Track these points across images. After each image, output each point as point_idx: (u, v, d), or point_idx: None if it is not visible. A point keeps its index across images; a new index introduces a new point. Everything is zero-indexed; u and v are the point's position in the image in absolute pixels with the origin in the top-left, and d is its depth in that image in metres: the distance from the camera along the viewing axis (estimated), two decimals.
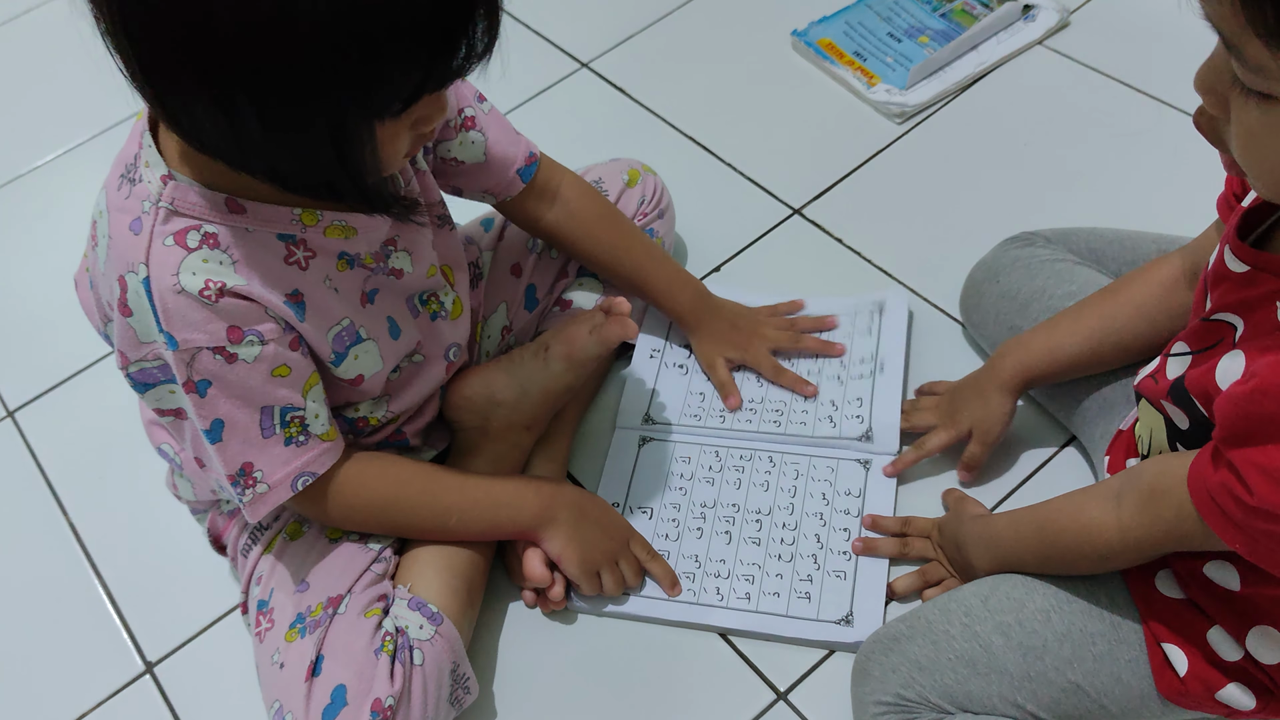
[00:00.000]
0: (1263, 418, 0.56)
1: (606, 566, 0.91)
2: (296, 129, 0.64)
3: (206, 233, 0.72)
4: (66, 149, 1.45)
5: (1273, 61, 0.49)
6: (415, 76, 0.64)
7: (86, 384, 1.19)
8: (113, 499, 1.09)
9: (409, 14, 0.61)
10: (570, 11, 1.50)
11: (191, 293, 0.72)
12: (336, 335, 0.80)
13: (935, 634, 0.77)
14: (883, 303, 1.08)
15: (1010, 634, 0.76)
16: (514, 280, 1.05)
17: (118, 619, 1.01)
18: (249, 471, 0.78)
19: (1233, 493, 0.59)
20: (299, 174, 0.69)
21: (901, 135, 1.27)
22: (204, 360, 0.74)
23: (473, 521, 0.89)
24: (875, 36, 1.35)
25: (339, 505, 0.84)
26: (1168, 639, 0.74)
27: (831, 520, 0.95)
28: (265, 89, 0.61)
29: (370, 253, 0.81)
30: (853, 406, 1.01)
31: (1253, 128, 0.53)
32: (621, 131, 1.34)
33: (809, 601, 0.90)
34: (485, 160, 0.92)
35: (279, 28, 0.59)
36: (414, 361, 0.89)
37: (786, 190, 1.24)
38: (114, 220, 0.74)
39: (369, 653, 0.80)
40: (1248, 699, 0.72)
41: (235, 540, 0.93)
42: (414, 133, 0.71)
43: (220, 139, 0.66)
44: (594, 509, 0.92)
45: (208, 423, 0.76)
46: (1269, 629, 0.70)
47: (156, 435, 0.93)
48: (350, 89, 0.63)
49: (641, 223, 1.09)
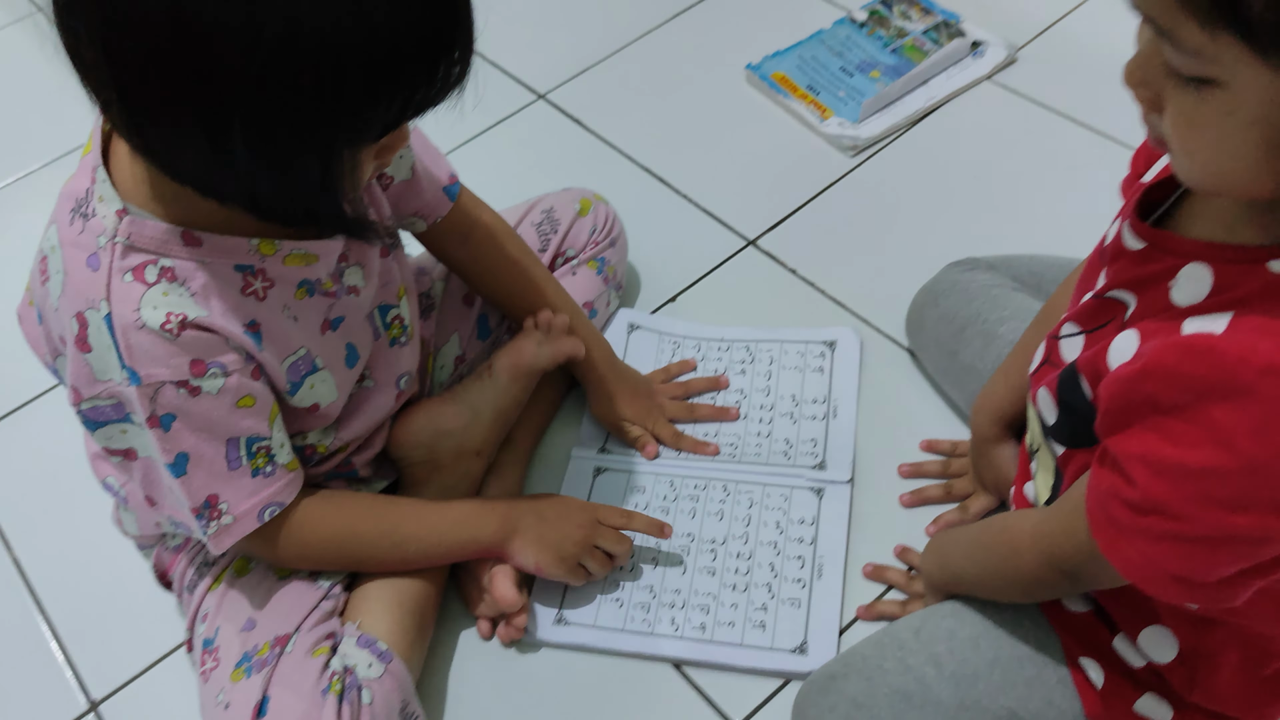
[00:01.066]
0: (1141, 401, 0.55)
1: (586, 553, 0.90)
2: (286, 157, 0.65)
3: (164, 266, 0.72)
4: (15, 178, 1.43)
5: (1210, 43, 0.47)
6: (399, 105, 0.65)
7: (33, 416, 1.16)
8: (58, 532, 1.06)
9: (403, 42, 0.62)
10: (528, 43, 1.51)
11: (154, 328, 0.71)
12: (292, 365, 0.80)
13: (870, 670, 0.77)
14: (834, 341, 1.09)
15: (943, 664, 0.76)
16: (466, 310, 1.05)
17: (61, 656, 0.99)
18: (214, 504, 0.77)
19: (1120, 495, 0.57)
20: (277, 200, 0.69)
21: (854, 168, 1.29)
22: (167, 395, 0.73)
23: (432, 547, 0.88)
24: (828, 71, 1.37)
25: (294, 543, 0.83)
26: (1082, 652, 0.74)
27: (785, 549, 0.95)
28: (263, 120, 0.62)
29: (329, 275, 0.81)
30: (806, 445, 1.02)
31: (1191, 116, 0.51)
32: (578, 162, 1.35)
33: (764, 630, 0.90)
34: (413, 177, 0.92)
35: (283, 59, 0.59)
36: (364, 387, 0.89)
37: (741, 221, 1.25)
38: (69, 256, 0.73)
39: (316, 693, 0.79)
40: (1164, 709, 0.72)
41: (181, 575, 0.92)
42: (376, 160, 0.72)
43: (200, 167, 0.66)
44: (550, 508, 0.92)
45: (171, 456, 0.75)
46: (1157, 627, 0.70)
47: (101, 469, 0.91)
48: (344, 118, 0.63)
49: (593, 251, 1.10)
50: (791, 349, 1.09)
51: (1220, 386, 0.51)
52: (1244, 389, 0.50)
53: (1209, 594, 0.58)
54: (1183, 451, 0.53)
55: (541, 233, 1.09)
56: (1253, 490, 0.52)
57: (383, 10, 0.60)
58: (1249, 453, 0.51)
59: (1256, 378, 0.50)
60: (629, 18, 1.52)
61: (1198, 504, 0.54)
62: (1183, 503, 0.54)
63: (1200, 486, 0.53)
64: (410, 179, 0.92)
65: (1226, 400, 0.51)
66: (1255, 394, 0.50)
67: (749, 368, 1.09)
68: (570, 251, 1.10)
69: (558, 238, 1.09)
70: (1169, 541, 0.56)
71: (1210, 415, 0.52)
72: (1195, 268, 0.57)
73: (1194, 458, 0.53)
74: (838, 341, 1.09)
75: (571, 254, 1.10)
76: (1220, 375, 0.51)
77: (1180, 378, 0.53)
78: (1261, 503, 0.52)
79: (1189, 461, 0.53)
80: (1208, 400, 0.52)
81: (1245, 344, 0.52)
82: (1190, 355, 0.53)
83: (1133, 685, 0.72)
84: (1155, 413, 0.54)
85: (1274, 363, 0.50)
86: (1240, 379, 0.51)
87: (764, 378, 1.08)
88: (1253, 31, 0.45)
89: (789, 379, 1.07)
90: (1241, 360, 0.51)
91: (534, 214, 1.10)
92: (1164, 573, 0.57)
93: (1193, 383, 0.52)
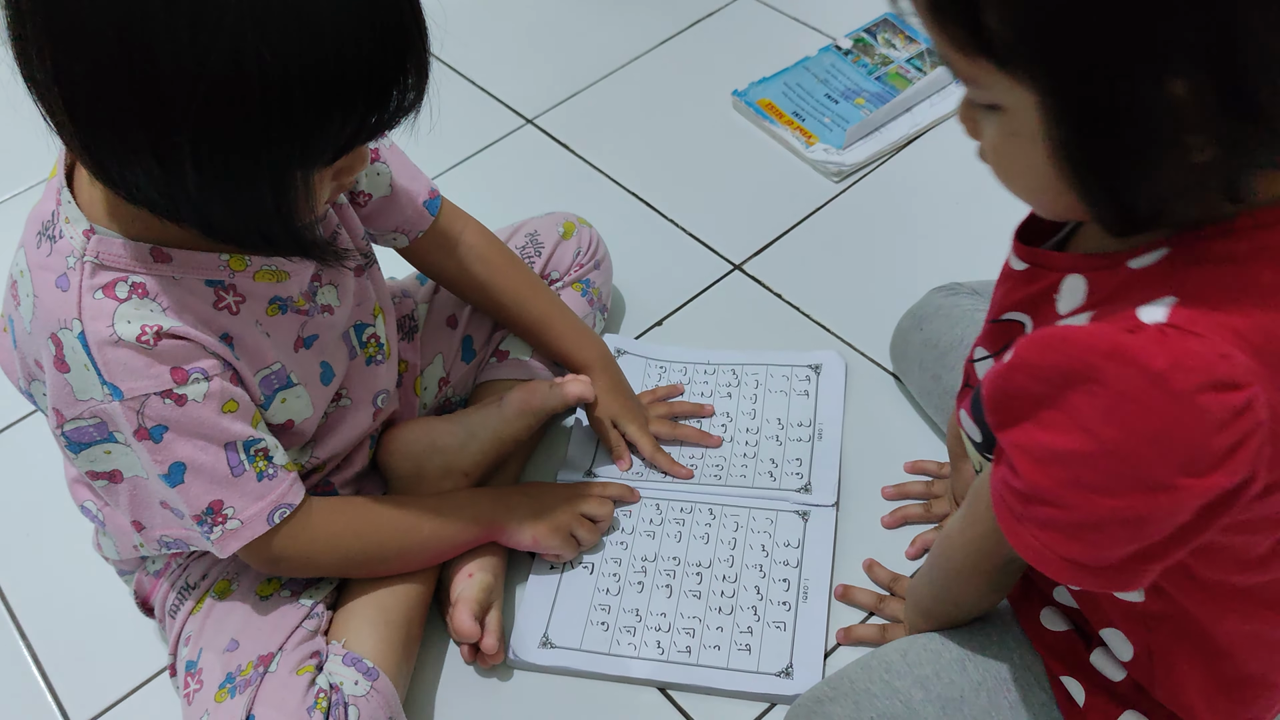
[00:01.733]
0: (1017, 394, 0.56)
1: (576, 522, 0.95)
2: (236, 180, 0.65)
3: (135, 283, 0.72)
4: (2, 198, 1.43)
5: (976, 69, 0.49)
6: (351, 127, 0.66)
7: (11, 441, 1.16)
8: (38, 557, 1.06)
9: (352, 68, 0.62)
10: (516, 68, 1.52)
11: (129, 340, 0.71)
12: (265, 378, 0.80)
13: (857, 693, 0.77)
14: (819, 365, 1.10)
15: (929, 687, 0.76)
16: (450, 331, 1.06)
17: (42, 681, 0.98)
18: (218, 510, 0.77)
19: (1009, 484, 0.59)
20: (231, 223, 0.69)
21: (839, 193, 1.30)
22: (154, 406, 0.73)
23: (438, 531, 0.90)
24: (813, 98, 1.38)
25: (301, 543, 0.82)
26: (1062, 671, 0.75)
27: (771, 572, 0.95)
28: (210, 143, 0.62)
29: (301, 293, 0.81)
30: (792, 465, 1.02)
31: (995, 141, 0.54)
32: (565, 187, 1.35)
33: (749, 653, 0.90)
34: (392, 193, 0.93)
35: (229, 84, 0.60)
36: (340, 406, 0.89)
37: (727, 246, 1.26)
38: (38, 278, 0.73)
39: (301, 711, 0.79)
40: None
41: (163, 601, 0.91)
42: (335, 182, 0.72)
43: (153, 190, 0.66)
44: (533, 487, 0.99)
45: (165, 467, 0.75)
46: (1110, 629, 0.70)
47: (79, 494, 0.91)
48: (293, 142, 0.63)
49: (577, 274, 1.11)
50: (777, 372, 1.10)
51: (1074, 374, 0.52)
52: (1093, 374, 0.51)
53: (1107, 578, 0.58)
54: (1053, 437, 0.54)
55: (525, 256, 1.09)
56: (1115, 473, 0.53)
57: (330, 37, 0.61)
58: (1104, 436, 0.52)
59: (1102, 361, 0.51)
60: (617, 44, 1.53)
61: (1071, 489, 0.55)
62: (1058, 489, 0.55)
63: (1071, 472, 0.54)
64: (389, 195, 0.93)
65: (1081, 386, 0.52)
66: (1102, 378, 0.51)
67: (735, 391, 1.09)
68: (554, 274, 1.10)
69: (541, 261, 1.10)
70: (1054, 528, 0.57)
71: (1071, 401, 0.53)
72: (1072, 279, 0.59)
73: (1062, 443, 0.54)
74: (823, 365, 1.10)
75: (556, 277, 1.10)
76: (1072, 363, 0.52)
77: (1040, 369, 0.54)
78: (1125, 484, 0.53)
79: (1058, 447, 0.54)
80: (1067, 387, 0.53)
81: (1092, 330, 0.53)
82: (1047, 346, 0.54)
83: (1114, 701, 0.72)
84: (1031, 403, 0.55)
85: (1117, 346, 0.51)
86: (1088, 364, 0.52)
87: (749, 401, 1.08)
88: (994, 51, 0.47)
89: (774, 402, 1.07)
90: (1088, 346, 0.52)
91: (517, 237, 1.11)
92: (1057, 557, 0.58)
93: (1051, 372, 0.53)
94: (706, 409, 1.07)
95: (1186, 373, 0.50)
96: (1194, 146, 0.47)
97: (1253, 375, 0.50)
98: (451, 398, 1.07)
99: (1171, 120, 0.46)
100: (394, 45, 0.64)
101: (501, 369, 1.05)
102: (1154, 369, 0.50)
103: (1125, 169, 0.49)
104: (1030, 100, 0.49)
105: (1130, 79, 0.45)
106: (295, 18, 0.60)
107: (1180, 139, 0.47)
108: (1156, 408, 0.50)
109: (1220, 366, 0.50)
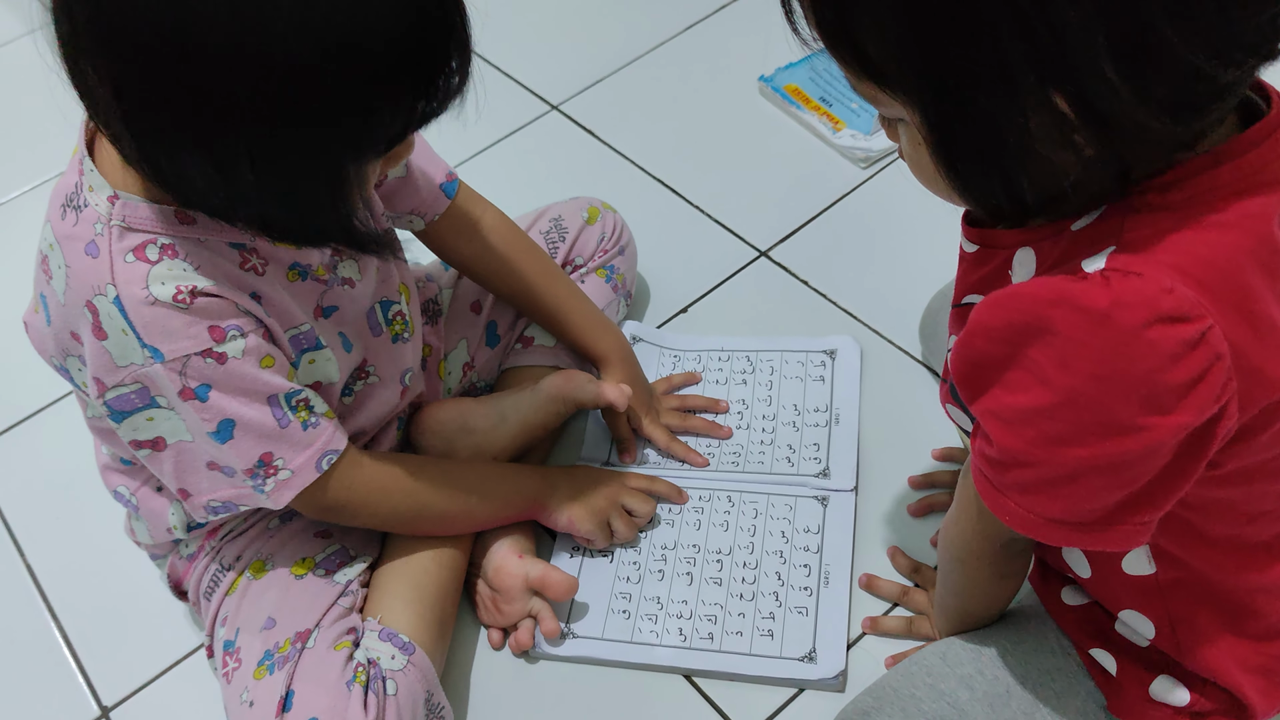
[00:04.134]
0: (979, 360, 0.57)
1: (615, 512, 0.95)
2: (293, 178, 0.66)
3: (163, 244, 0.73)
4: (32, 186, 1.45)
5: (871, 90, 0.55)
6: (401, 120, 0.67)
7: (46, 423, 1.18)
8: (70, 540, 1.07)
9: (399, 58, 0.63)
10: (541, 55, 1.52)
11: (166, 301, 0.72)
12: (294, 338, 0.81)
13: (903, 699, 0.77)
14: (835, 350, 1.09)
15: (974, 685, 0.76)
16: (474, 317, 1.06)
17: (74, 662, 0.99)
18: (269, 461, 0.79)
19: (985, 454, 0.59)
20: (289, 220, 0.71)
21: (866, 179, 1.29)
22: (196, 365, 0.74)
23: (490, 497, 0.91)
24: (840, 83, 1.37)
25: (357, 490, 0.84)
26: (1091, 644, 0.74)
27: (791, 558, 0.95)
28: (267, 142, 0.63)
29: (322, 263, 0.82)
30: (810, 450, 1.02)
31: (904, 148, 0.60)
32: (590, 173, 1.35)
33: (772, 639, 0.90)
34: (408, 175, 0.93)
35: (282, 82, 0.61)
36: (368, 384, 0.90)
37: (753, 233, 1.25)
38: (67, 249, 0.74)
39: (341, 684, 0.80)
40: (1180, 692, 0.70)
41: (197, 584, 0.92)
42: (384, 168, 0.74)
43: (211, 194, 0.67)
44: (579, 470, 0.98)
45: (214, 425, 0.76)
46: (1129, 610, 0.70)
47: (111, 479, 0.92)
48: (347, 135, 0.65)
49: (601, 260, 1.10)
50: (792, 358, 1.09)
51: (1026, 327, 0.53)
52: (1043, 324, 0.53)
53: (1098, 534, 0.58)
54: (1017, 397, 0.55)
55: (549, 241, 1.09)
56: (1078, 421, 0.53)
57: (378, 31, 0.62)
58: (1062, 384, 0.53)
59: (1049, 310, 0.52)
60: (642, 29, 1.52)
61: (1041, 445, 0.55)
62: (1028, 448, 0.56)
63: (1038, 428, 0.55)
64: (406, 176, 0.93)
65: (1035, 338, 0.53)
66: (1051, 327, 0.52)
67: (750, 378, 1.09)
68: (578, 260, 1.10)
69: (565, 246, 1.10)
70: (1033, 490, 0.58)
71: (1029, 356, 0.54)
72: (1022, 252, 0.60)
73: (1026, 400, 0.54)
74: (838, 350, 1.09)
75: (580, 262, 1.10)
76: (1023, 316, 0.54)
77: (995, 329, 0.55)
78: (1090, 431, 0.53)
79: (1023, 404, 0.55)
80: (1023, 343, 0.54)
81: (1037, 283, 0.55)
82: (997, 305, 0.55)
83: (1145, 668, 0.71)
84: (994, 368, 0.56)
85: (1061, 293, 0.52)
86: (1038, 315, 0.53)
87: (765, 388, 1.07)
88: (877, 75, 0.53)
89: (790, 388, 1.07)
90: (1034, 298, 0.53)
91: (541, 222, 1.11)
92: (1041, 519, 0.58)
93: (1006, 330, 0.54)
94: (721, 404, 1.06)
95: (1129, 309, 0.50)
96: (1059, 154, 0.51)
97: (1201, 309, 0.50)
98: (476, 383, 1.07)
99: (1028, 131, 0.50)
100: (437, 31, 0.65)
101: (526, 355, 1.06)
102: (1098, 309, 0.51)
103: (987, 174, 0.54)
104: (909, 111, 0.54)
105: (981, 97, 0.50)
106: (341, 11, 0.61)
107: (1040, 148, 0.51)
108: (1106, 348, 0.51)
109: (1164, 300, 0.50)
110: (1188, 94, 0.49)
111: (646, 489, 0.97)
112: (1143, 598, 0.68)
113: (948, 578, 0.79)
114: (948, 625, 0.82)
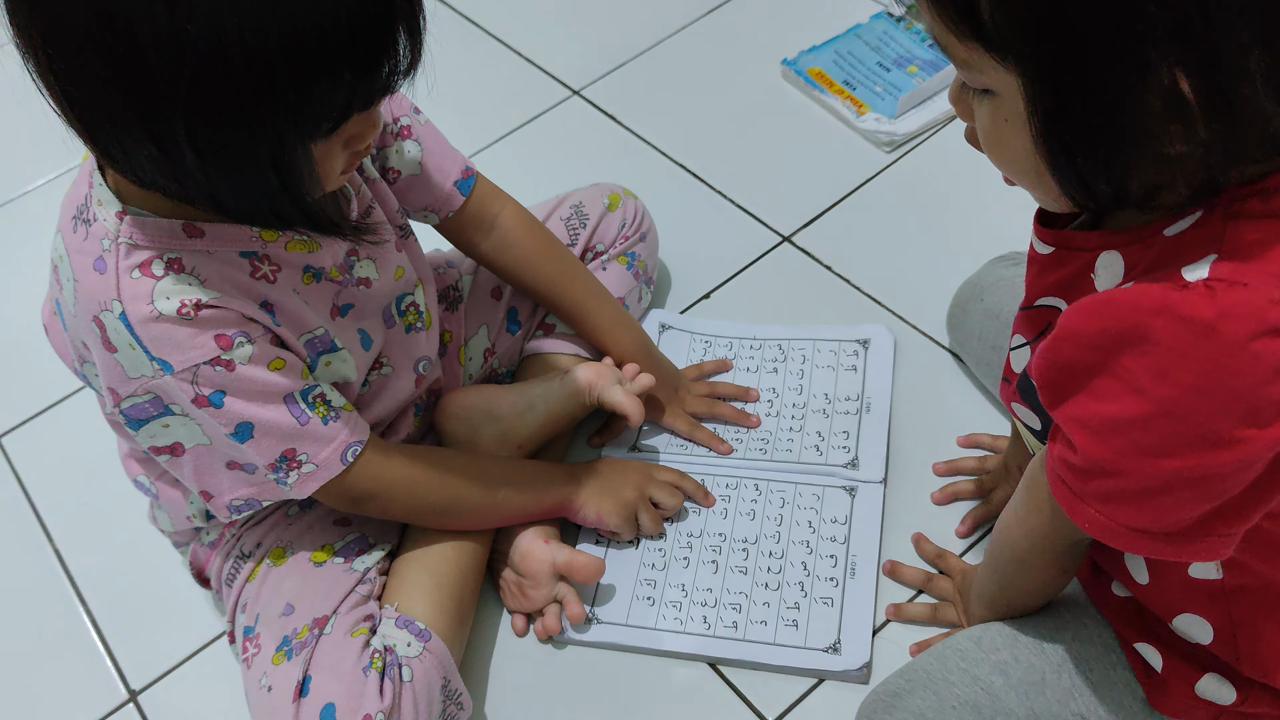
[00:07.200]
0: (1067, 366, 0.55)
1: (642, 505, 0.95)
2: (233, 156, 0.65)
3: (170, 259, 0.73)
4: (53, 176, 1.45)
5: (970, 53, 0.51)
6: (342, 96, 0.65)
7: (73, 409, 1.18)
8: (98, 526, 1.08)
9: (334, 36, 0.62)
10: (562, 39, 1.51)
11: (170, 314, 0.72)
12: (309, 342, 0.81)
13: (935, 683, 0.76)
14: (868, 339, 1.08)
15: (1009, 672, 0.75)
16: (494, 303, 1.06)
17: (102, 647, 1.00)
18: (291, 457, 0.79)
19: (1067, 461, 0.58)
20: (240, 202, 0.69)
21: (891, 164, 1.27)
22: (206, 374, 0.74)
23: (518, 493, 0.91)
24: (865, 66, 1.36)
25: (384, 481, 0.84)
26: (1136, 638, 0.73)
27: (818, 548, 0.94)
28: (202, 122, 0.62)
29: (336, 265, 0.82)
30: (839, 438, 1.01)
31: (985, 125, 0.56)
32: (612, 158, 1.34)
33: (796, 629, 0.90)
34: (421, 171, 0.92)
35: (212, 60, 0.59)
36: (383, 374, 0.90)
37: (776, 218, 1.24)
38: (76, 263, 0.74)
39: (357, 670, 0.80)
40: (1227, 690, 0.69)
41: (219, 571, 0.93)
42: (348, 151, 0.72)
43: (158, 173, 0.66)
44: (605, 464, 0.97)
45: (232, 427, 0.76)
46: (1187, 614, 0.69)
47: (131, 468, 0.93)
48: (282, 113, 0.63)
49: (623, 246, 1.10)
50: (824, 347, 1.09)
51: (1122, 335, 0.52)
52: (1141, 333, 0.51)
53: (1180, 545, 0.57)
54: (1107, 405, 0.54)
55: (570, 227, 1.09)
56: (1173, 432, 0.52)
57: (309, 7, 0.60)
58: (1158, 395, 0.51)
59: (1149, 319, 0.51)
60: (664, 13, 1.51)
61: (1130, 456, 0.54)
62: (1117, 458, 0.55)
63: (1128, 438, 0.54)
64: (418, 174, 0.92)
65: (1131, 347, 0.52)
66: (1152, 336, 0.51)
67: (781, 366, 1.08)
68: (599, 246, 1.10)
69: (586, 233, 1.09)
70: (1117, 500, 0.57)
71: (1122, 364, 0.52)
72: (1107, 256, 0.59)
73: (1117, 409, 0.53)
74: (871, 340, 1.08)
75: (601, 248, 1.10)
76: (1119, 324, 0.52)
77: (1088, 335, 0.54)
78: (1185, 443, 0.52)
79: (1114, 414, 0.53)
80: (1117, 351, 0.52)
81: (1138, 290, 0.53)
82: (1092, 312, 0.54)
83: (1193, 665, 0.70)
84: (1083, 374, 0.54)
85: (1164, 302, 0.51)
86: (1136, 324, 0.51)
87: (796, 376, 1.07)
88: (987, 37, 0.50)
89: (822, 377, 1.06)
90: (1134, 306, 0.52)
91: (562, 209, 1.10)
92: (1124, 528, 0.57)
93: (1100, 338, 0.53)
94: (751, 393, 1.06)
95: (1236, 320, 0.49)
96: (1169, 139, 0.48)
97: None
98: (498, 369, 1.07)
99: (1146, 112, 0.47)
100: (377, 10, 0.63)
101: (548, 342, 1.05)
102: (1203, 320, 0.49)
103: (1096, 155, 0.50)
104: (1014, 86, 0.51)
105: (1107, 70, 0.47)
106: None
107: (1154, 131, 0.48)
108: (1209, 360, 0.50)
109: (1271, 312, 0.49)
110: None
111: (675, 484, 0.97)
112: (1205, 602, 0.67)
113: (1003, 574, 0.78)
114: (989, 614, 0.81)
